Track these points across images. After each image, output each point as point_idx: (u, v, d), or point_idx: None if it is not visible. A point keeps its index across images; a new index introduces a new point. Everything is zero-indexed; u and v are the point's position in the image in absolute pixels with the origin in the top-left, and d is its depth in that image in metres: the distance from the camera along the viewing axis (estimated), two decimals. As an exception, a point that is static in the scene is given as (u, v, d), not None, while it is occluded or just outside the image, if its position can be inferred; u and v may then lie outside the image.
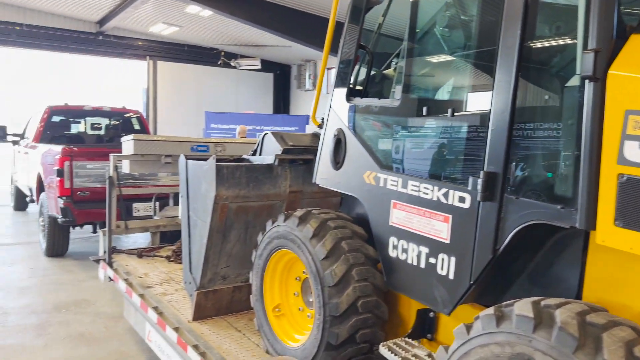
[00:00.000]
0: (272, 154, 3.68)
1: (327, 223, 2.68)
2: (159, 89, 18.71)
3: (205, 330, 3.47)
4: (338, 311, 2.49)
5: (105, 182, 7.11)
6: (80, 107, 9.69)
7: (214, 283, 3.63)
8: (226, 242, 3.56)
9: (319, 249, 2.59)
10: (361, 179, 2.62)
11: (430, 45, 2.54)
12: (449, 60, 2.54)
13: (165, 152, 5.19)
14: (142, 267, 4.70)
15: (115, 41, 17.46)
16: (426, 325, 2.57)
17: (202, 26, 16.11)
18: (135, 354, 4.56)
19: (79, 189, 6.91)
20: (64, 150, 6.88)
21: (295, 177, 3.66)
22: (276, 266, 3.03)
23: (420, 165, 2.42)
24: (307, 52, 17.86)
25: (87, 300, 5.90)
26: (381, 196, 2.51)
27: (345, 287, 2.51)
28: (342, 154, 2.75)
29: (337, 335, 2.50)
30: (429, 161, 2.38)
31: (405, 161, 2.47)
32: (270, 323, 3.00)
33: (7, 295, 6.01)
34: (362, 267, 2.58)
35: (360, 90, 2.81)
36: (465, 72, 2.40)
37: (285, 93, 21.39)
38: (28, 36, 16.01)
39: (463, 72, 2.44)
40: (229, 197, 3.38)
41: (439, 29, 2.41)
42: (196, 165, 3.60)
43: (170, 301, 3.92)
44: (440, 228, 2.22)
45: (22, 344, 4.68)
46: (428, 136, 2.39)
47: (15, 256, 7.78)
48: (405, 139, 2.47)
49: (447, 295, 2.21)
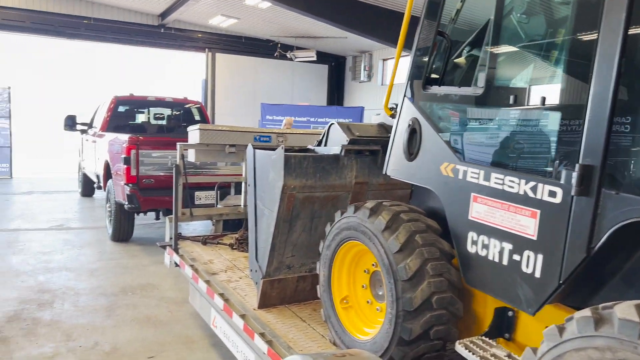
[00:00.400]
0: (338, 144, 3.63)
1: (400, 215, 2.62)
2: (217, 81, 19.10)
3: (271, 318, 3.48)
4: (412, 306, 2.43)
5: (168, 171, 7.39)
6: (145, 98, 10.01)
7: (279, 272, 3.65)
8: (292, 231, 3.55)
9: (391, 242, 2.52)
10: (437, 171, 2.53)
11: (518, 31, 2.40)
12: (539, 45, 2.39)
13: (229, 142, 5.26)
14: (206, 254, 4.80)
15: (175, 34, 17.95)
16: (504, 325, 2.46)
17: (259, 18, 16.28)
18: (199, 339, 4.67)
19: (144, 176, 7.14)
20: (131, 139, 7.12)
21: (361, 168, 3.61)
22: (344, 257, 2.99)
23: (505, 157, 2.30)
24: (363, 43, 17.71)
25: (152, 284, 6.10)
26: (460, 189, 2.41)
27: (419, 282, 2.44)
28: (417, 145, 2.66)
29: (411, 330, 2.44)
30: (514, 153, 2.27)
31: (487, 152, 2.36)
32: (338, 315, 2.97)
33: (78, 276, 6.30)
34: (437, 262, 2.50)
35: (437, 78, 2.71)
36: (559, 58, 2.26)
37: (340, 85, 21.32)
38: (95, 29, 16.72)
39: (556, 59, 2.30)
40: (296, 187, 3.37)
41: (529, 12, 2.28)
42: (264, 155, 3.61)
43: (235, 288, 3.97)
44: (526, 223, 2.10)
45: (93, 324, 4.90)
46: (514, 126, 2.27)
47: (84, 240, 8.16)
48: (489, 129, 2.36)
49: (533, 295, 2.10)
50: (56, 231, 8.68)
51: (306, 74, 20.62)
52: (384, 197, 3.72)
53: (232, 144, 5.33)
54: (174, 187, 4.91)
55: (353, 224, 2.79)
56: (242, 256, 4.82)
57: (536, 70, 2.37)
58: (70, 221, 9.54)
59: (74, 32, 16.63)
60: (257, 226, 3.72)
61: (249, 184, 3.84)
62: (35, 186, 13.79)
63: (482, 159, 2.37)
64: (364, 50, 19.27)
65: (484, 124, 2.40)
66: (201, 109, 10.52)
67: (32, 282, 6.00)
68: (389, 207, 2.68)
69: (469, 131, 2.47)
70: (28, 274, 6.30)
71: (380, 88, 19.26)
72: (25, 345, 4.38)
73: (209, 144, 5.20)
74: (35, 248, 7.51)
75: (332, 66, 21.08)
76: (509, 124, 2.31)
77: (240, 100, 19.37)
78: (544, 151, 2.18)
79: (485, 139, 2.38)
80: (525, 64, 2.44)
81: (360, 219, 2.73)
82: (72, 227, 9.03)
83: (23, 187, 13.55)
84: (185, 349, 4.48)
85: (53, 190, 13.25)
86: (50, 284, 5.97)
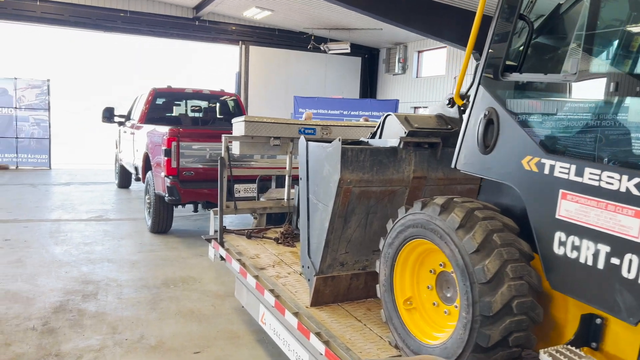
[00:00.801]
0: (394, 136, 3.46)
1: (474, 213, 2.44)
2: (250, 73, 19.07)
3: (325, 317, 3.35)
4: (491, 311, 2.25)
5: (207, 163, 7.33)
6: (182, 90, 10.00)
7: (332, 269, 3.51)
8: (347, 227, 3.41)
9: (467, 241, 2.35)
10: (518, 165, 2.34)
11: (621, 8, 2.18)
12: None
13: (274, 134, 5.14)
14: (252, 248, 4.69)
15: (210, 26, 17.98)
16: (590, 333, 2.26)
17: (293, 10, 16.14)
18: (244, 334, 4.58)
19: (184, 168, 7.10)
20: (172, 131, 7.08)
21: (420, 162, 3.43)
22: (408, 256, 2.82)
23: (602, 150, 2.09)
24: (398, 35, 17.39)
25: (193, 278, 6.05)
26: (546, 185, 2.22)
27: (499, 285, 2.26)
28: (494, 137, 2.47)
29: (489, 337, 2.26)
30: (614, 146, 2.06)
31: (580, 145, 2.15)
32: (401, 316, 2.81)
33: (120, 268, 6.31)
34: (517, 264, 2.31)
35: (515, 65, 2.51)
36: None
37: (373, 77, 21.03)
38: (131, 22, 16.87)
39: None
40: (352, 181, 3.22)
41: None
42: (318, 148, 3.46)
43: (284, 284, 3.85)
44: (628, 224, 1.90)
45: (137, 316, 4.86)
46: (614, 117, 2.06)
47: (123, 231, 8.19)
48: (582, 119, 2.15)
49: (636, 303, 1.90)
50: (95, 222, 8.76)
51: (339, 66, 20.40)
52: (442, 192, 3.53)
53: (277, 137, 5.21)
54: (219, 179, 4.81)
55: (420, 221, 2.62)
56: (288, 251, 4.70)
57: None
58: (108, 212, 9.62)
59: (110, 25, 16.82)
60: (310, 221, 3.58)
61: (301, 178, 3.70)
62: (74, 177, 14.01)
63: (574, 153, 2.16)
64: (398, 42, 18.92)
65: (576, 114, 2.19)
66: (238, 101, 10.47)
67: (75, 272, 6.03)
68: (461, 204, 2.50)
69: (557, 122, 2.26)
70: (71, 264, 6.33)
71: (415, 81, 18.91)
72: (72, 337, 4.36)
73: (254, 136, 5.08)
74: (76, 239, 7.57)
75: (365, 58, 20.79)
76: (608, 114, 2.10)
77: (272, 93, 19.31)
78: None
79: (577, 130, 2.17)
80: (628, 46, 2.21)
81: (429, 216, 2.56)
82: (111, 219, 9.10)
83: (62, 178, 13.79)
84: (231, 344, 4.39)
85: (90, 181, 13.44)
86: (93, 275, 5.99)
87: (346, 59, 20.21)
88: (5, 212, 9.19)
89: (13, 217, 8.78)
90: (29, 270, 6.01)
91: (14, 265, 6.20)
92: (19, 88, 15.08)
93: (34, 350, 4.10)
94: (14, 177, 13.54)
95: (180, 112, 10.33)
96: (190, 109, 10.35)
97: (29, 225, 8.25)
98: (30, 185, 12.32)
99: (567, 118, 2.22)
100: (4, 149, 15.09)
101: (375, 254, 3.60)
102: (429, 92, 18.08)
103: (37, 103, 15.37)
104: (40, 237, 7.56)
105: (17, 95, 15.10)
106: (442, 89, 17.35)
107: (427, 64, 18.75)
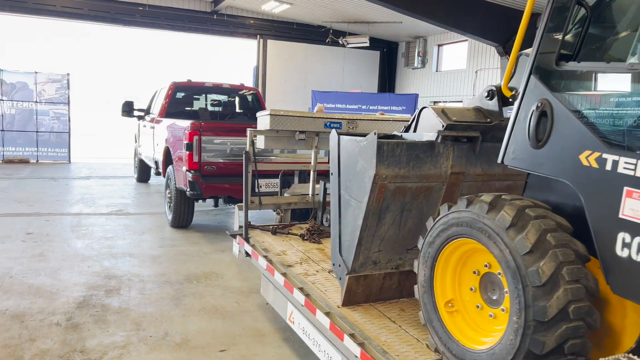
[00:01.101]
0: (431, 130, 3.31)
1: (526, 211, 2.29)
2: (268, 67, 18.97)
3: (358, 317, 3.23)
4: (546, 316, 2.10)
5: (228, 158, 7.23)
6: (202, 84, 9.92)
7: (364, 268, 3.38)
8: (380, 224, 3.27)
9: (519, 241, 2.20)
10: (576, 161, 2.18)
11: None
12: None
13: (299, 128, 5.02)
14: (278, 245, 4.59)
15: (228, 20, 17.91)
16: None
17: (312, 3, 15.98)
18: (270, 332, 4.48)
19: (206, 163, 7.02)
20: (193, 125, 6.99)
21: (458, 157, 3.28)
22: (450, 256, 2.68)
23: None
24: (418, 28, 17.14)
25: (216, 273, 5.97)
26: (607, 182, 2.06)
27: (554, 289, 2.12)
28: (547, 130, 2.31)
29: (544, 343, 2.12)
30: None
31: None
32: (442, 319, 2.67)
33: (142, 263, 6.25)
34: (573, 266, 2.16)
35: (571, 54, 2.34)
36: None
37: (391, 71, 20.78)
38: (150, 16, 16.86)
39: None
40: (388, 177, 3.08)
41: None
42: (351, 142, 3.33)
43: (314, 282, 3.74)
44: None
45: (161, 313, 4.79)
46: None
47: (143, 226, 8.16)
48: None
49: None
50: (116, 216, 8.74)
51: (357, 60, 20.19)
52: (480, 189, 3.38)
53: (302, 131, 5.09)
54: (244, 174, 4.70)
55: (466, 220, 2.48)
56: (314, 248, 4.59)
57: None
58: (128, 206, 9.61)
59: (129, 20, 16.83)
60: (342, 218, 3.45)
61: (332, 173, 3.57)
62: (93, 171, 14.07)
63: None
64: (418, 35, 18.66)
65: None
66: (257, 95, 10.37)
67: (97, 267, 5.99)
68: (510, 202, 2.35)
69: (620, 114, 2.10)
70: (94, 259, 6.30)
71: (435, 75, 18.64)
72: (96, 333, 4.30)
73: (279, 130, 4.97)
74: (97, 233, 7.55)
75: (384, 52, 20.55)
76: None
77: (290, 87, 19.19)
78: None
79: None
80: None
81: (476, 215, 2.41)
82: (131, 213, 9.07)
83: (81, 172, 13.85)
84: (256, 343, 4.30)
85: (110, 175, 13.47)
86: (116, 269, 5.94)
87: (364, 53, 20.00)
88: (27, 205, 9.22)
89: (35, 211, 8.80)
90: (51, 265, 5.98)
91: (37, 259, 6.18)
92: (39, 82, 15.17)
93: (58, 346, 4.05)
94: (34, 171, 13.63)
95: (200, 106, 10.27)
96: (210, 103, 10.28)
97: (51, 219, 8.26)
98: (51, 179, 12.38)
99: (632, 110, 2.05)
100: (24, 142, 15.21)
101: (409, 253, 3.47)
102: (449, 87, 17.80)
103: (57, 97, 15.46)
104: (62, 231, 7.55)
105: (38, 89, 15.20)
106: (463, 83, 17.07)
107: (448, 57, 18.46)
